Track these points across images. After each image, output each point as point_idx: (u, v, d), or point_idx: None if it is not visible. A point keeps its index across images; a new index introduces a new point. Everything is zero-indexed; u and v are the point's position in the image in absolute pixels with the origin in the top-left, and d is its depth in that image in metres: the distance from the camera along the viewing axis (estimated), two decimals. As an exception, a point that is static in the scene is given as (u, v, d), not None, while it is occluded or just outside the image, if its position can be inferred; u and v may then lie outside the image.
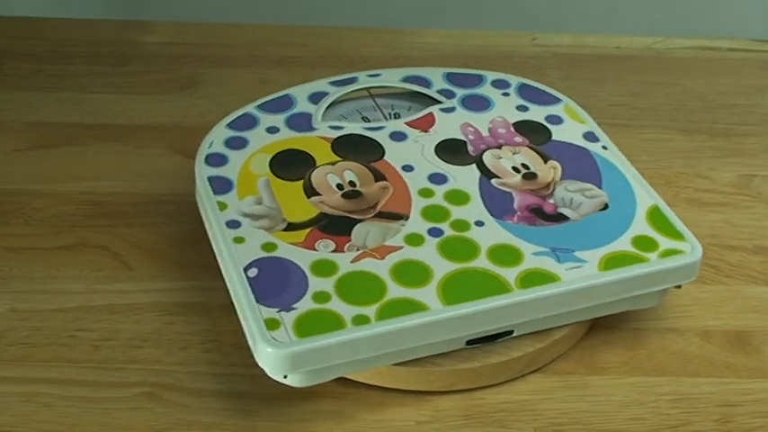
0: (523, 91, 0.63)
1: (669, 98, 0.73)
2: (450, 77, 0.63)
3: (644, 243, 0.53)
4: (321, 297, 0.49)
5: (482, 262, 0.51)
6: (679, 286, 0.53)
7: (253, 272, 0.50)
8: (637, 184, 0.56)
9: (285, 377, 0.48)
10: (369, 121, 0.60)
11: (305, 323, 0.48)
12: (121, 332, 0.54)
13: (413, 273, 0.50)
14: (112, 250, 0.59)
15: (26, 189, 0.63)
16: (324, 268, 0.50)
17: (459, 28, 0.80)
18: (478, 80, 0.63)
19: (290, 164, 0.56)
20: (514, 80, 0.64)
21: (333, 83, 0.62)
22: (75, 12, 0.86)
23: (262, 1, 0.97)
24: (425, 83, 0.63)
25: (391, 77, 0.63)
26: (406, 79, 0.63)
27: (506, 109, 0.61)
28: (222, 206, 0.54)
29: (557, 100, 0.62)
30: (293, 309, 0.48)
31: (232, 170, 0.56)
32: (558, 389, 0.52)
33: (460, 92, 0.62)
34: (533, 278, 0.50)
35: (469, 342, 0.51)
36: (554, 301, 0.50)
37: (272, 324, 0.48)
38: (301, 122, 0.59)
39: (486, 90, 0.63)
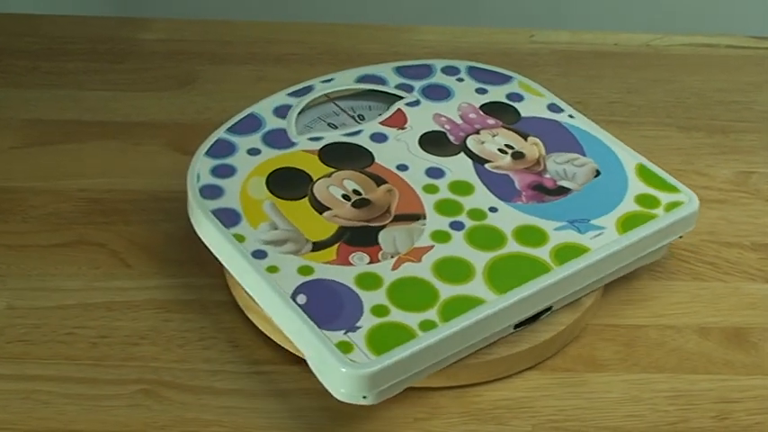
0: (475, 74, 0.63)
1: (667, 95, 0.73)
2: (401, 71, 0.63)
3: (647, 201, 0.55)
4: (380, 311, 0.48)
5: (513, 246, 0.52)
6: (681, 236, 0.55)
7: (302, 299, 0.49)
8: (614, 146, 0.58)
9: (364, 398, 0.47)
10: (336, 127, 0.59)
11: (376, 339, 0.47)
12: (119, 329, 0.54)
13: (455, 269, 0.51)
14: (110, 247, 0.59)
15: (23, 186, 0.62)
16: (369, 281, 0.50)
17: (457, 25, 0.80)
18: (428, 70, 0.63)
19: (288, 183, 0.55)
20: (462, 64, 0.64)
21: (291, 94, 0.61)
22: (72, 9, 0.86)
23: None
24: (381, 80, 0.62)
25: (346, 80, 0.62)
26: (361, 79, 0.62)
27: (467, 94, 0.61)
28: (240, 238, 0.51)
29: (508, 78, 0.63)
30: (358, 328, 0.48)
31: (232, 199, 0.54)
32: (555, 386, 0.52)
33: (417, 84, 0.62)
34: (565, 253, 0.52)
35: (516, 326, 0.51)
36: (588, 271, 0.52)
37: (345, 347, 0.47)
38: (279, 139, 0.58)
39: (439, 79, 0.63)
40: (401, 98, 0.61)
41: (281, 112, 0.59)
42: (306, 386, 0.51)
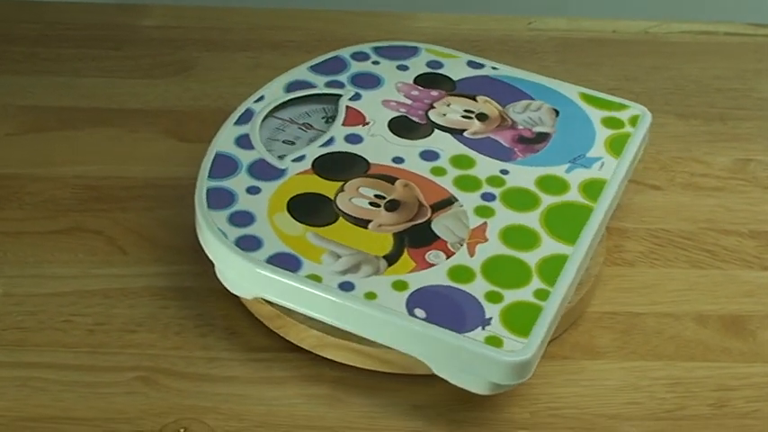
0: (384, 53, 0.63)
1: (665, 82, 0.73)
2: (318, 69, 0.62)
3: (613, 122, 0.59)
4: (495, 297, 0.49)
5: (547, 199, 0.54)
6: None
7: (420, 313, 0.48)
8: (551, 83, 0.61)
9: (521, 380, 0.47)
10: (293, 143, 0.57)
11: (513, 323, 0.48)
12: (116, 316, 0.54)
13: (520, 236, 0.52)
14: (107, 235, 0.58)
15: (20, 173, 0.62)
16: (462, 275, 0.50)
17: (455, 12, 0.80)
18: (342, 62, 0.62)
19: (311, 209, 0.53)
20: (366, 47, 0.64)
21: (237, 122, 0.57)
22: (69, -5, 0.86)
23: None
24: (308, 84, 0.61)
25: (276, 93, 0.60)
26: (290, 87, 0.60)
27: (393, 74, 0.62)
28: (316, 278, 0.49)
29: (415, 49, 0.64)
30: (489, 319, 0.48)
31: (275, 244, 0.50)
32: (553, 373, 0.52)
33: (342, 77, 0.61)
34: (591, 189, 0.55)
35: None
36: (614, 199, 0.55)
37: (494, 341, 0.47)
38: (265, 170, 0.55)
39: (359, 67, 0.62)
40: (338, 95, 0.60)
41: (243, 142, 0.56)
42: (302, 373, 0.51)
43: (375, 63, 0.63)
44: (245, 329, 0.53)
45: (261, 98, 0.59)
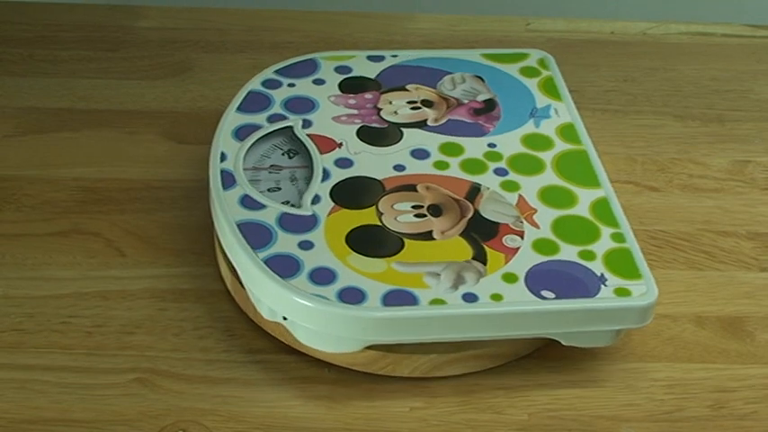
0: (289, 72, 0.62)
1: (663, 84, 0.73)
2: (245, 109, 0.59)
3: (530, 70, 0.63)
4: (588, 255, 0.52)
5: (545, 155, 0.57)
6: None
7: (549, 294, 0.50)
8: (451, 54, 0.64)
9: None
10: (279, 189, 0.54)
11: (623, 271, 0.51)
12: (114, 318, 0.54)
13: (558, 195, 0.55)
14: (105, 237, 0.58)
15: (18, 175, 0.62)
16: (547, 246, 0.52)
17: (453, 13, 0.80)
18: (264, 97, 0.60)
19: (374, 241, 0.52)
20: (268, 72, 0.62)
21: (225, 189, 0.54)
22: (66, -4, 0.86)
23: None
24: (255, 127, 0.58)
25: (230, 144, 0.56)
26: (237, 134, 0.57)
27: (317, 90, 0.61)
28: (439, 302, 0.49)
29: (312, 60, 0.63)
30: (603, 275, 0.51)
31: (376, 287, 0.49)
32: (551, 374, 0.52)
33: (275, 109, 0.59)
34: (568, 133, 0.59)
35: None
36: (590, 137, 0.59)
37: (623, 292, 0.50)
38: (295, 221, 0.52)
39: (280, 94, 0.60)
40: (290, 126, 0.58)
41: (248, 202, 0.53)
42: (301, 375, 0.51)
43: (291, 86, 0.61)
44: (243, 331, 0.53)
45: (224, 156, 0.56)
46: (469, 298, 0.49)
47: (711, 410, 0.51)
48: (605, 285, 0.50)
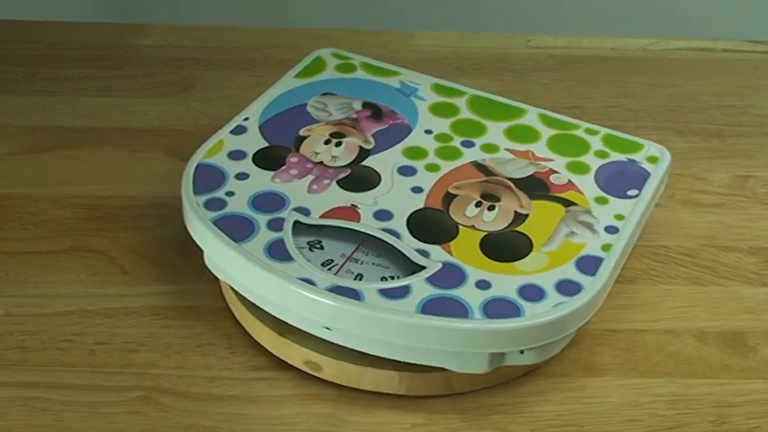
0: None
1: (664, 99, 0.73)
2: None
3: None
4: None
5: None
6: None
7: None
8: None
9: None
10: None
11: None
12: (117, 336, 0.54)
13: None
14: (108, 254, 0.59)
15: (21, 193, 0.62)
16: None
17: (454, 29, 0.80)
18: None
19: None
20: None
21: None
22: (69, 15, 0.86)
23: (257, 3, 0.97)
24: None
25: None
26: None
27: (255, 171, 0.55)
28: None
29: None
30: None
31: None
32: (554, 390, 0.52)
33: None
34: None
35: None
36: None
37: None
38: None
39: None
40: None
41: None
42: (302, 392, 0.51)
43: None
44: (246, 349, 0.53)
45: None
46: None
47: (714, 426, 0.51)
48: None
